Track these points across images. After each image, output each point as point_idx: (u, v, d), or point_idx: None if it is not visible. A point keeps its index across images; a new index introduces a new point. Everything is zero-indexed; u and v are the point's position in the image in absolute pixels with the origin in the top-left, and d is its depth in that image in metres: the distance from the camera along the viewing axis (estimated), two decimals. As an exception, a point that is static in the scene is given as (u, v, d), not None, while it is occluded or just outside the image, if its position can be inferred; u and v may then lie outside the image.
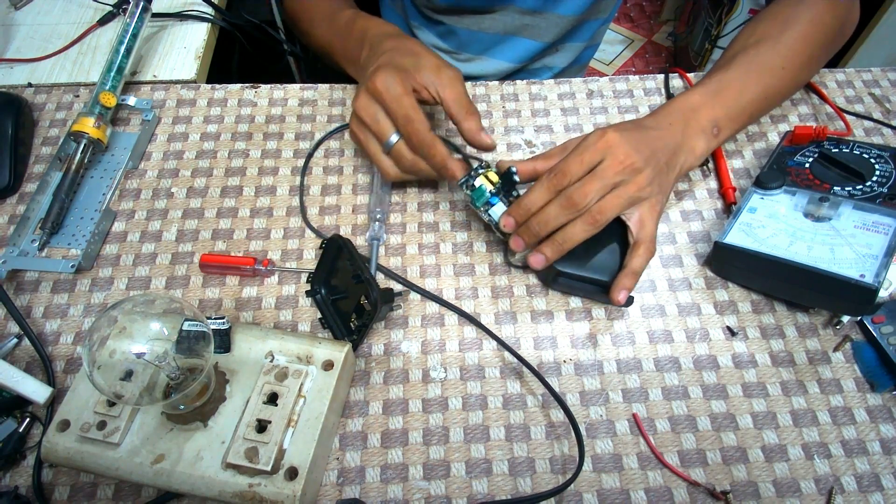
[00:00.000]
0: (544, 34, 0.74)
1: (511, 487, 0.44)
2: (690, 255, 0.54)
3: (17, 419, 0.46)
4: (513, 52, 0.76)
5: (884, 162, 0.53)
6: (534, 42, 0.75)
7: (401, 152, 0.51)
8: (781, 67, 0.55)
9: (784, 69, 0.55)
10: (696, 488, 0.43)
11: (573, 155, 0.47)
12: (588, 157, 0.46)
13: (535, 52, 0.76)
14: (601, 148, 0.46)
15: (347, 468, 0.44)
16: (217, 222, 0.56)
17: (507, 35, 0.74)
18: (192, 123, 0.63)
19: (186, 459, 0.40)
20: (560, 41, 0.76)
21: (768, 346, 0.50)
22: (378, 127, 0.51)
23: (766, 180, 0.53)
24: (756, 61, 0.54)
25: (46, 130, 0.63)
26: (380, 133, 0.51)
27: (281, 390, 0.41)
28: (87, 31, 0.69)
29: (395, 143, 0.51)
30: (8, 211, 0.57)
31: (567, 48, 0.79)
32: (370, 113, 0.51)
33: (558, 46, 0.78)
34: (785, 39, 0.55)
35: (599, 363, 0.49)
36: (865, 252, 0.46)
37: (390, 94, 0.49)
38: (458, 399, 0.47)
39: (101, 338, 0.37)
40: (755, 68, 0.54)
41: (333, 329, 0.50)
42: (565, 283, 0.50)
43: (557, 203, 0.46)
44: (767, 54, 0.55)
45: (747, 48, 0.55)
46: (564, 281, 0.50)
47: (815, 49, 0.57)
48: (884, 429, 0.46)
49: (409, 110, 0.49)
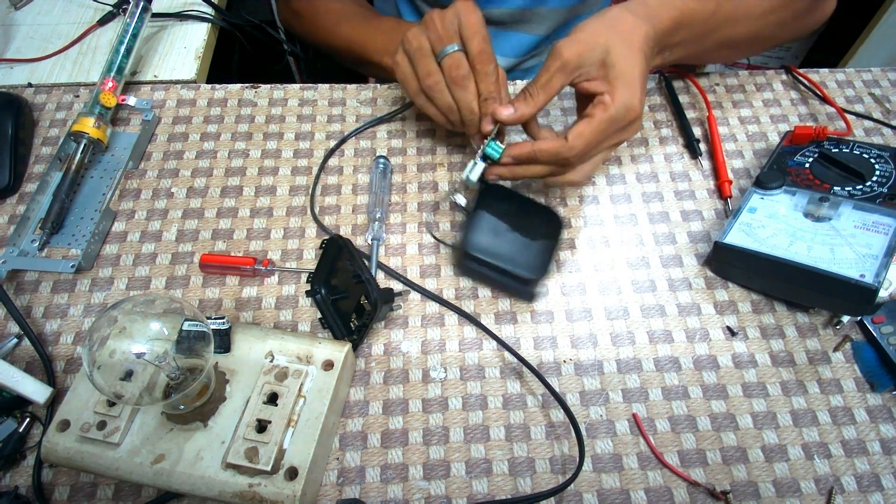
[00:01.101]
0: (537, 27, 0.74)
1: (511, 487, 0.44)
2: (690, 255, 0.54)
3: (17, 419, 0.46)
4: (508, 47, 0.76)
5: (884, 162, 0.53)
6: (528, 36, 0.75)
7: (460, 61, 0.48)
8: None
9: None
10: (696, 488, 0.43)
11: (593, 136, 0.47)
12: (615, 139, 0.48)
13: (531, 46, 0.76)
14: (626, 126, 0.47)
15: (347, 468, 0.44)
16: (217, 222, 0.56)
17: (501, 30, 0.75)
18: (192, 123, 0.63)
19: (186, 459, 0.40)
20: (556, 34, 0.77)
21: (768, 346, 0.50)
22: (446, 31, 0.49)
23: (766, 180, 0.53)
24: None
25: (46, 130, 0.63)
26: (445, 36, 0.49)
27: (281, 390, 0.41)
28: (87, 31, 0.69)
29: (453, 51, 0.48)
30: (8, 211, 0.57)
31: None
32: (445, 19, 0.49)
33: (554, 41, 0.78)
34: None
35: (599, 363, 0.49)
36: (865, 252, 0.46)
37: (454, 9, 0.48)
38: (458, 399, 0.47)
39: (101, 338, 0.37)
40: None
41: (333, 329, 0.50)
42: (475, 269, 0.50)
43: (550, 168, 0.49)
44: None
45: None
46: (473, 266, 0.50)
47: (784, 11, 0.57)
48: (884, 429, 0.46)
49: (486, 31, 0.48)
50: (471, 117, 0.50)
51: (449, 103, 0.50)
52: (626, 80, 0.46)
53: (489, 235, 0.49)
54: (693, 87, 0.66)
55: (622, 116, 0.46)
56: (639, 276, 0.53)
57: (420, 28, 0.50)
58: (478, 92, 0.49)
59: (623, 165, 0.60)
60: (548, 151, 0.47)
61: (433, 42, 0.50)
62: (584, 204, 0.58)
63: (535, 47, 0.77)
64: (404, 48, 0.51)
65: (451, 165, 0.60)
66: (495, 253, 0.49)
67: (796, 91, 0.66)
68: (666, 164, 0.60)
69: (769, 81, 0.67)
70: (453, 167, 0.60)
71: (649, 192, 0.58)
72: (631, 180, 0.59)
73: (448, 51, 0.49)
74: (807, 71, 0.67)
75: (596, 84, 0.47)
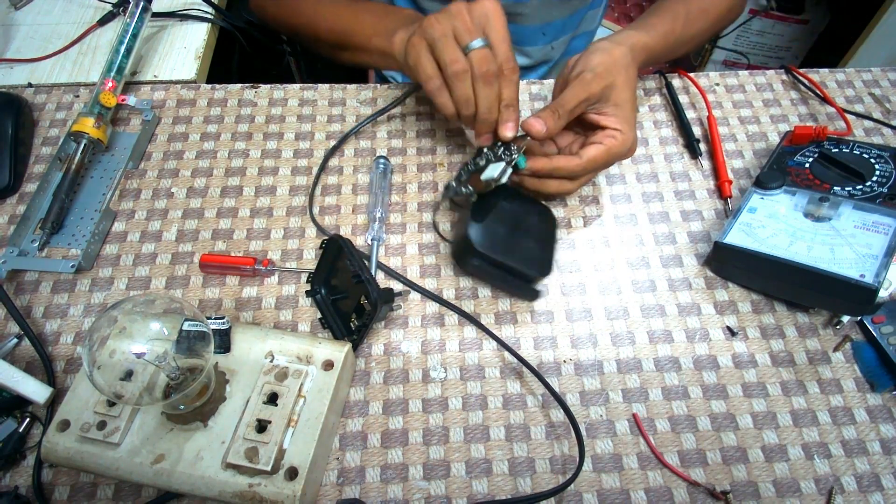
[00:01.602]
0: (530, 18, 0.74)
1: (511, 487, 0.44)
2: (690, 255, 0.54)
3: (17, 419, 0.46)
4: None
5: (884, 162, 0.53)
6: (522, 27, 0.75)
7: (489, 57, 0.48)
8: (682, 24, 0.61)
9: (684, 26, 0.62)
10: (696, 488, 0.43)
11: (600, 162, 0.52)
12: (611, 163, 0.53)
13: (526, 38, 0.76)
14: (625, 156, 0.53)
15: (347, 468, 0.44)
16: (217, 222, 0.56)
17: None
18: (192, 123, 0.63)
19: (186, 459, 0.40)
20: (548, 26, 0.76)
21: (768, 346, 0.50)
22: (476, 24, 0.49)
23: (766, 180, 0.53)
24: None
25: (46, 130, 0.63)
26: (475, 28, 0.49)
27: (281, 390, 0.41)
28: (87, 31, 0.69)
29: (482, 46, 0.48)
30: (8, 211, 0.57)
31: (559, 44, 0.79)
32: (476, 12, 0.49)
33: (552, 41, 0.78)
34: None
35: (599, 363, 0.49)
36: (865, 252, 0.46)
37: (482, 7, 0.49)
38: (458, 399, 0.47)
39: (101, 338, 0.37)
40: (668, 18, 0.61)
41: (333, 329, 0.50)
42: (479, 266, 0.49)
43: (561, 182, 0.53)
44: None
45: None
46: (477, 263, 0.49)
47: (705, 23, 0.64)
48: (884, 429, 0.46)
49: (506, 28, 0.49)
50: (488, 117, 0.50)
51: (468, 95, 0.49)
52: (630, 120, 0.52)
53: (493, 233, 0.49)
54: (693, 87, 0.66)
55: (626, 150, 0.52)
56: (639, 276, 0.53)
57: (444, 15, 0.50)
58: (500, 95, 0.49)
59: (623, 165, 0.60)
60: (566, 168, 0.51)
61: (459, 33, 0.49)
62: (584, 204, 0.58)
63: (524, 41, 0.77)
64: (425, 32, 0.50)
65: (451, 165, 0.60)
66: (501, 251, 0.48)
67: (796, 91, 0.66)
68: (666, 164, 0.60)
69: (769, 81, 0.67)
70: (453, 167, 0.60)
71: (649, 192, 0.58)
72: (631, 180, 0.59)
73: (476, 45, 0.48)
74: (807, 71, 0.67)
75: (608, 119, 0.52)
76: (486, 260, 0.48)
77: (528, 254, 0.50)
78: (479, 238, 0.48)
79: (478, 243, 0.48)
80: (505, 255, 0.48)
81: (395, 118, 0.64)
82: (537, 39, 0.78)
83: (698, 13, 0.63)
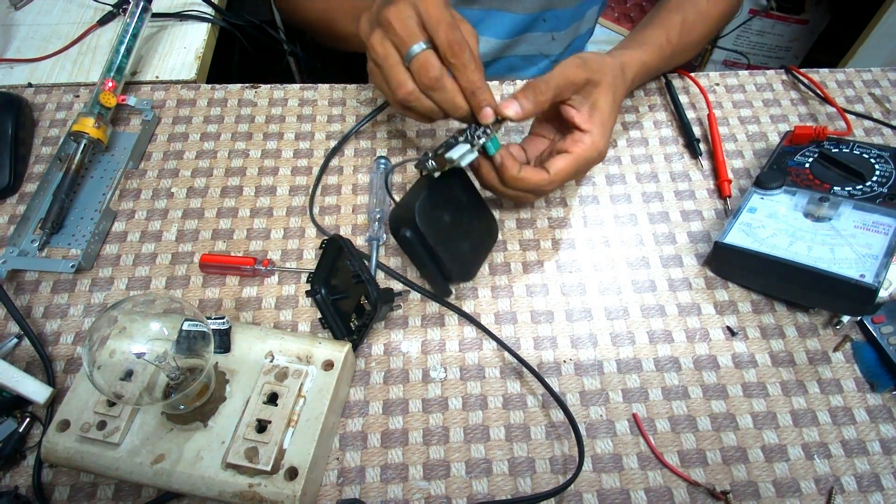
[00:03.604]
0: (522, 6, 0.74)
1: (511, 487, 0.44)
2: (690, 255, 0.54)
3: (17, 419, 0.46)
4: (494, 28, 0.75)
5: (884, 162, 0.53)
6: (514, 15, 0.74)
7: (428, 62, 0.45)
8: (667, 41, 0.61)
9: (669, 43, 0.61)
10: (696, 488, 0.43)
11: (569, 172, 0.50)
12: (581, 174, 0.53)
13: (518, 26, 0.76)
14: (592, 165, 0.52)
15: (347, 468, 0.44)
16: (217, 222, 0.56)
17: (484, 9, 0.74)
18: (192, 123, 0.63)
19: (186, 459, 0.40)
20: (543, 14, 0.76)
21: (768, 346, 0.50)
22: (406, 32, 0.45)
23: (766, 180, 0.53)
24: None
25: (46, 130, 0.63)
26: (406, 37, 0.45)
27: (281, 390, 0.42)
28: (87, 31, 0.69)
29: (420, 52, 0.45)
30: (8, 211, 0.57)
31: (561, 36, 0.79)
32: (402, 17, 0.45)
33: (553, 31, 0.77)
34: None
35: (599, 363, 0.49)
36: (865, 252, 0.46)
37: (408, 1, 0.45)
38: (458, 399, 0.47)
39: (101, 338, 0.37)
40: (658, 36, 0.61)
41: (333, 329, 0.50)
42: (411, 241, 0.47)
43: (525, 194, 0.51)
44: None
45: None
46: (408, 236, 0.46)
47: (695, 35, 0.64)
48: (884, 429, 0.46)
49: (450, 16, 0.44)
50: (459, 113, 0.47)
51: (430, 108, 0.47)
52: (604, 126, 0.50)
53: (437, 218, 0.47)
54: (693, 87, 0.66)
55: (594, 158, 0.50)
56: (639, 276, 0.53)
57: (381, 31, 0.47)
58: (460, 86, 0.46)
59: (623, 165, 0.60)
60: (533, 182, 0.49)
61: (397, 45, 0.46)
62: (584, 204, 0.58)
63: (523, 28, 0.76)
64: (371, 57, 0.48)
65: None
66: (437, 239, 0.46)
67: (796, 91, 0.66)
68: (666, 164, 0.60)
69: (769, 81, 0.67)
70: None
71: (649, 192, 0.58)
72: (631, 180, 0.59)
73: (413, 52, 0.45)
74: (807, 71, 0.67)
75: (580, 117, 0.50)
76: (419, 238, 0.46)
77: (459, 254, 0.49)
78: (422, 215, 0.46)
79: (420, 219, 0.45)
80: (438, 243, 0.46)
81: (395, 118, 0.64)
82: (538, 25, 0.77)
83: (696, 18, 0.62)
